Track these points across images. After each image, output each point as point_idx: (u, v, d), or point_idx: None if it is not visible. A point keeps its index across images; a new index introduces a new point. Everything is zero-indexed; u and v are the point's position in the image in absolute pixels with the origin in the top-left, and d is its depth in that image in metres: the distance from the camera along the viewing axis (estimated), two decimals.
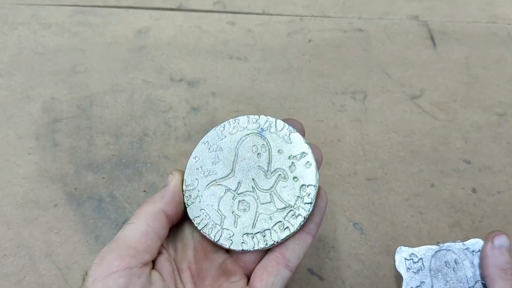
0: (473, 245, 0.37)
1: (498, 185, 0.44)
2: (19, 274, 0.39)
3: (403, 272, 0.37)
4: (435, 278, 0.36)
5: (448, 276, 0.36)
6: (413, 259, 0.37)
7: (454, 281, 0.36)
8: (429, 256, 0.37)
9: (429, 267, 0.37)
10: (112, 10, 0.56)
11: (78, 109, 0.48)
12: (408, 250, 0.38)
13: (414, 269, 0.37)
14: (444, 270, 0.37)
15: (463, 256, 0.37)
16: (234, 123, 0.32)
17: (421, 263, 0.37)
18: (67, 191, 0.43)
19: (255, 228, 0.29)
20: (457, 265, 0.37)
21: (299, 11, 0.57)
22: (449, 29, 0.56)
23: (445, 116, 0.49)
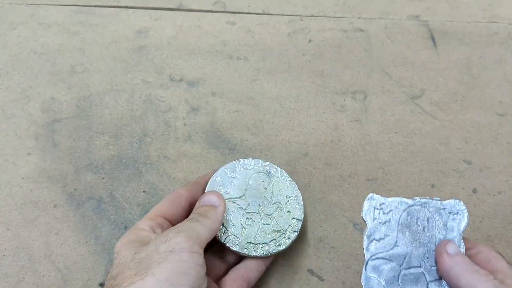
0: (452, 206, 0.34)
1: (499, 185, 0.44)
2: (18, 274, 0.39)
3: (369, 221, 0.34)
4: (401, 233, 0.34)
5: (416, 234, 0.34)
6: (383, 209, 0.34)
7: (421, 240, 0.33)
8: (400, 209, 0.34)
9: (398, 221, 0.34)
10: (112, 10, 0.56)
11: (77, 109, 0.48)
12: (380, 199, 0.34)
13: (382, 220, 0.34)
14: (413, 227, 0.34)
15: (437, 216, 0.34)
16: (249, 161, 0.41)
17: (390, 215, 0.34)
18: (67, 191, 0.43)
19: (256, 240, 0.37)
20: (429, 224, 0.34)
21: (299, 11, 0.57)
22: (450, 29, 0.55)
23: (445, 116, 0.49)
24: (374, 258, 0.33)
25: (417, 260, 0.33)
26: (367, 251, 0.33)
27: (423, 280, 0.33)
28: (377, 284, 0.33)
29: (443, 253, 0.32)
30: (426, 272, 0.33)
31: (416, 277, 0.33)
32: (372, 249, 0.33)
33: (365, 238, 0.34)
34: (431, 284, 0.32)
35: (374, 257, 0.33)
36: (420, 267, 0.33)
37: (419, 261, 0.33)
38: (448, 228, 0.33)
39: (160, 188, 0.43)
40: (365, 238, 0.34)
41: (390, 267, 0.33)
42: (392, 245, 0.33)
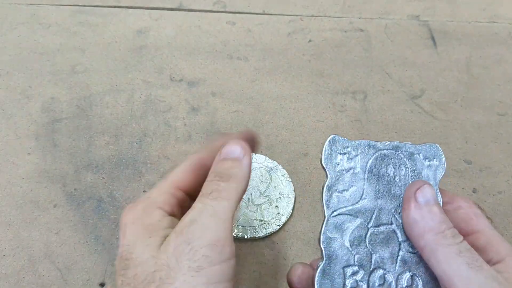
0: (427, 150, 0.29)
1: (499, 185, 0.44)
2: (18, 274, 0.39)
3: (330, 169, 0.28)
4: (369, 183, 0.28)
5: (386, 184, 0.28)
6: (348, 154, 0.28)
7: (393, 191, 0.28)
8: (368, 154, 0.28)
9: (365, 168, 0.28)
10: (112, 10, 0.56)
11: (77, 109, 0.48)
12: (344, 142, 0.28)
13: (345, 167, 0.28)
14: (383, 176, 0.28)
15: (411, 162, 0.29)
16: (254, 156, 0.43)
17: (356, 161, 0.28)
18: (67, 191, 0.43)
19: (238, 223, 0.40)
20: (401, 172, 0.28)
21: (299, 11, 0.57)
22: (450, 29, 0.55)
23: (445, 116, 0.49)
24: (336, 214, 0.28)
25: (388, 216, 0.28)
26: (328, 205, 0.28)
27: (394, 240, 0.27)
28: (340, 246, 0.27)
29: (411, 200, 0.26)
30: (398, 230, 0.27)
31: (386, 237, 0.27)
32: (334, 203, 0.28)
33: (325, 190, 0.28)
34: (404, 245, 0.27)
35: (336, 212, 0.28)
36: (391, 224, 0.28)
37: (390, 217, 0.28)
38: (423, 177, 0.28)
39: None
40: (325, 189, 0.28)
41: (355, 225, 0.27)
42: (358, 198, 0.28)
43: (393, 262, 0.27)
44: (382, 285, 0.27)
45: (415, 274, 0.27)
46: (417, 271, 0.27)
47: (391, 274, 0.27)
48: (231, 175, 0.27)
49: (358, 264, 0.27)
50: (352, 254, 0.27)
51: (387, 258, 0.27)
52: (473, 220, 0.27)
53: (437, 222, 0.25)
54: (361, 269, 0.27)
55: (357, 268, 0.27)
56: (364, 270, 0.27)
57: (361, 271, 0.27)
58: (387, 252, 0.27)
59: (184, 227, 0.25)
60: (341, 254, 0.27)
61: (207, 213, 0.26)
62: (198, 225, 0.25)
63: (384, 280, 0.27)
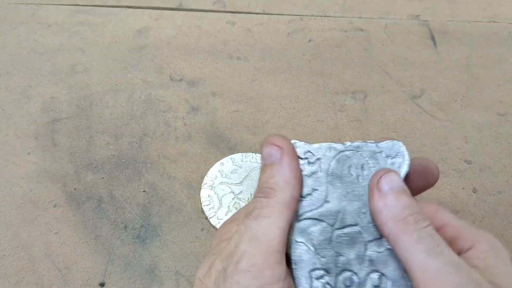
0: (389, 148, 0.28)
1: (499, 185, 0.44)
2: (18, 274, 0.39)
3: None
4: (332, 186, 0.28)
5: (349, 185, 0.28)
6: (309, 158, 0.28)
7: (356, 192, 0.27)
8: (329, 157, 0.28)
9: (327, 171, 0.28)
10: (112, 9, 0.56)
11: (77, 109, 0.48)
12: (304, 147, 0.28)
13: (308, 172, 0.28)
14: (345, 178, 0.28)
15: (373, 161, 0.28)
16: (255, 156, 0.45)
17: (318, 165, 0.28)
18: (67, 191, 0.43)
19: None
20: (363, 172, 0.28)
21: (299, 11, 0.57)
22: (450, 28, 0.55)
23: (445, 116, 0.49)
24: (301, 219, 0.27)
25: (352, 217, 0.27)
26: None
27: (360, 241, 0.27)
28: (306, 251, 0.27)
29: (374, 189, 0.25)
30: (363, 230, 0.27)
31: (352, 238, 0.27)
32: (298, 208, 0.27)
33: None
34: (370, 245, 0.27)
35: (301, 217, 0.27)
36: (356, 225, 0.27)
37: (355, 218, 0.27)
38: None
39: (160, 188, 0.43)
40: None
41: (320, 228, 0.27)
42: (322, 201, 0.27)
43: (360, 263, 0.26)
44: (349, 287, 0.26)
45: (383, 274, 0.26)
46: (385, 270, 0.26)
47: (358, 275, 0.26)
48: (272, 187, 0.26)
49: (325, 267, 0.26)
50: (318, 258, 0.27)
51: (354, 259, 0.27)
52: (435, 217, 0.26)
53: (400, 208, 0.24)
54: (328, 272, 0.26)
55: (323, 271, 0.26)
56: (331, 273, 0.26)
57: (327, 274, 0.26)
58: (353, 253, 0.27)
59: (227, 253, 0.25)
60: (307, 258, 0.27)
61: (246, 237, 0.24)
62: (237, 250, 0.24)
63: (351, 282, 0.26)
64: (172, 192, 0.43)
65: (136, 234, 0.41)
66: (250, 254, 0.24)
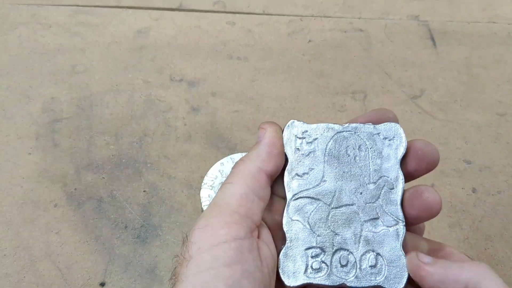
0: (387, 130, 0.28)
1: (498, 185, 0.44)
2: (19, 274, 0.39)
3: (290, 153, 0.28)
4: (329, 166, 0.28)
5: (346, 165, 0.28)
6: (306, 138, 0.29)
7: (353, 172, 0.28)
8: (327, 137, 0.29)
9: (324, 151, 0.28)
10: (112, 10, 0.56)
11: (78, 109, 0.48)
12: (302, 126, 0.29)
13: (305, 151, 0.28)
14: (342, 158, 0.28)
15: (370, 142, 0.28)
16: None
17: (315, 144, 0.29)
18: (67, 191, 0.43)
19: None
20: (361, 153, 0.28)
21: (299, 11, 0.57)
22: (449, 29, 0.56)
23: (445, 116, 0.49)
24: (297, 198, 0.28)
25: (349, 197, 0.28)
26: (289, 189, 0.28)
27: (356, 220, 0.27)
28: (302, 229, 0.27)
29: (420, 264, 0.25)
30: (360, 210, 0.27)
31: (348, 218, 0.27)
32: (295, 187, 0.28)
33: (286, 174, 0.28)
34: (366, 225, 0.27)
35: (297, 196, 0.28)
36: (353, 205, 0.28)
37: (351, 198, 0.28)
38: (383, 156, 0.28)
39: (160, 188, 0.43)
40: (286, 174, 0.28)
41: (316, 207, 0.28)
42: (319, 181, 0.28)
43: (356, 243, 0.27)
44: (345, 266, 0.27)
45: (379, 254, 0.27)
46: (381, 250, 0.27)
47: (354, 255, 0.27)
48: (243, 159, 0.28)
49: (320, 245, 0.27)
50: (314, 236, 0.27)
51: (350, 238, 0.27)
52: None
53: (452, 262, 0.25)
54: (324, 250, 0.27)
55: (319, 250, 0.27)
56: (327, 252, 0.27)
57: (323, 253, 0.27)
58: (349, 232, 0.27)
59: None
60: (303, 237, 0.27)
61: (210, 204, 0.26)
62: (199, 216, 0.26)
63: (347, 261, 0.27)
64: (172, 192, 0.43)
65: (136, 234, 0.41)
66: (206, 215, 0.25)
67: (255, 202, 0.26)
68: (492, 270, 0.25)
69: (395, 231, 0.27)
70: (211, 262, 0.23)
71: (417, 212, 0.27)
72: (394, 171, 0.28)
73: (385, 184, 0.28)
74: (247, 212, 0.26)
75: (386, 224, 0.27)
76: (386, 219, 0.27)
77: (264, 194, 0.27)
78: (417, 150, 0.28)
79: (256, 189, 0.26)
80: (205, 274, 0.23)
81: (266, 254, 0.26)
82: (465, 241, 0.41)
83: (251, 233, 0.25)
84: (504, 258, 0.40)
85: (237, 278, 0.23)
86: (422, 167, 0.28)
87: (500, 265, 0.40)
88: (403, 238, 0.27)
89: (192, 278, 0.23)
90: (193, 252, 0.24)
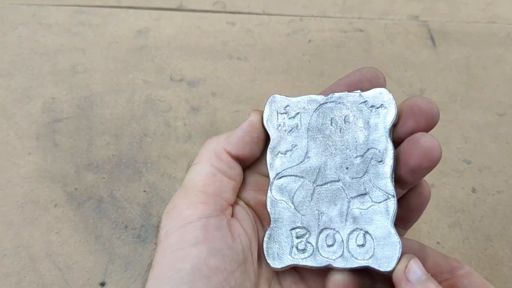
0: (375, 97, 0.26)
1: (498, 185, 0.44)
2: (19, 274, 0.39)
3: (271, 130, 0.27)
4: (312, 141, 0.26)
5: (331, 138, 0.26)
6: (289, 113, 0.27)
7: (338, 146, 0.26)
8: (310, 110, 0.27)
9: (307, 125, 0.27)
10: (112, 10, 0.56)
11: (78, 109, 0.48)
12: (284, 100, 0.27)
13: (287, 127, 0.27)
14: (327, 131, 0.26)
15: (357, 112, 0.26)
16: None
17: (298, 119, 0.27)
18: (67, 191, 0.43)
19: None
20: (347, 125, 0.26)
21: (299, 11, 0.57)
22: (449, 29, 0.56)
23: (445, 116, 0.49)
24: (280, 177, 0.26)
25: (334, 173, 0.26)
26: (271, 168, 0.27)
27: (343, 197, 0.26)
28: (286, 208, 0.26)
29: (402, 280, 0.24)
30: (346, 186, 0.26)
31: (333, 194, 0.26)
32: (278, 166, 0.26)
33: (268, 152, 0.27)
34: (354, 201, 0.25)
35: (281, 174, 0.26)
36: (338, 181, 0.26)
37: (337, 174, 0.26)
38: (370, 126, 0.26)
39: (160, 188, 0.43)
40: (267, 152, 0.27)
41: (300, 185, 0.26)
42: (303, 157, 0.26)
43: (343, 221, 0.25)
44: (331, 246, 0.25)
45: (367, 232, 0.25)
46: (369, 228, 0.25)
47: (341, 234, 0.25)
48: (212, 138, 0.28)
49: (306, 225, 0.26)
50: (299, 216, 0.26)
51: (336, 216, 0.25)
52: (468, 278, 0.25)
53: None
54: (309, 230, 0.26)
55: (304, 230, 0.26)
56: (312, 232, 0.26)
57: (308, 233, 0.26)
58: (335, 210, 0.26)
59: None
60: (287, 217, 0.26)
61: (179, 188, 0.26)
62: (170, 201, 0.26)
63: (334, 241, 0.25)
64: (172, 192, 0.43)
65: (136, 234, 0.41)
66: (174, 198, 0.25)
67: (224, 181, 0.26)
68: None
69: (384, 207, 0.25)
70: (177, 244, 0.23)
71: (416, 160, 0.24)
72: (382, 142, 0.25)
73: (373, 156, 0.25)
74: (215, 190, 0.25)
75: (375, 200, 0.25)
76: (374, 194, 0.25)
77: (234, 174, 0.26)
78: (412, 106, 0.25)
79: (223, 168, 0.26)
80: (171, 255, 0.23)
81: (239, 232, 0.25)
82: (465, 241, 0.41)
83: (220, 211, 0.25)
84: (504, 258, 0.40)
85: (204, 257, 0.23)
86: (421, 124, 0.25)
87: (500, 265, 0.40)
88: (394, 215, 0.25)
89: (160, 261, 0.23)
90: (161, 237, 0.24)
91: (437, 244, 0.41)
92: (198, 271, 0.22)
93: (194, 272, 0.22)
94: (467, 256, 0.41)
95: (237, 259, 0.24)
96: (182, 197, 0.25)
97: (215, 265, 0.23)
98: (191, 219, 0.24)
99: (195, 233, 0.23)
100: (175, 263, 0.23)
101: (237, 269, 0.24)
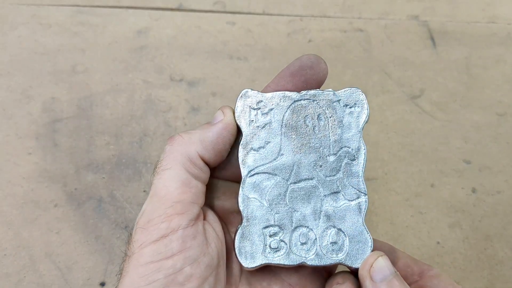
0: (348, 96, 0.27)
1: (498, 185, 0.44)
2: (19, 274, 0.39)
3: (244, 126, 0.27)
4: (286, 138, 0.26)
5: (304, 137, 0.26)
6: (262, 109, 0.27)
7: (312, 144, 0.26)
8: (284, 106, 0.27)
9: (281, 122, 0.27)
10: (112, 10, 0.56)
11: (78, 109, 0.48)
12: (257, 96, 0.27)
13: (260, 123, 0.27)
14: (300, 129, 0.27)
15: (330, 111, 0.27)
16: None
17: (271, 115, 0.27)
18: (67, 191, 0.43)
19: None
20: (320, 123, 0.27)
21: (299, 11, 0.57)
22: (449, 29, 0.56)
23: (445, 116, 0.49)
24: (253, 174, 0.26)
25: (308, 171, 0.26)
26: (244, 165, 0.26)
27: (316, 195, 0.26)
28: (258, 206, 0.26)
29: (366, 278, 0.24)
30: (320, 184, 0.26)
31: (308, 192, 0.26)
32: (250, 162, 0.26)
33: (240, 149, 0.26)
34: (327, 199, 0.26)
35: (253, 172, 0.26)
36: (312, 179, 0.26)
37: (311, 172, 0.26)
38: (344, 125, 0.27)
39: None
40: (240, 148, 0.26)
41: (274, 182, 0.26)
42: (276, 154, 0.26)
43: (316, 219, 0.26)
44: (305, 244, 0.26)
45: (340, 230, 0.26)
46: (342, 225, 0.26)
47: (314, 231, 0.26)
48: (181, 135, 0.26)
49: (279, 223, 0.26)
50: (272, 214, 0.26)
51: (310, 214, 0.26)
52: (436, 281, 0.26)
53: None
54: (282, 228, 0.26)
55: (277, 228, 0.26)
56: (285, 230, 0.26)
57: (282, 231, 0.26)
58: (309, 208, 0.26)
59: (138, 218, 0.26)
60: (260, 215, 0.26)
61: (150, 195, 0.25)
62: (141, 211, 0.25)
63: (307, 238, 0.26)
64: None
65: None
66: (147, 211, 0.24)
67: (198, 186, 0.25)
68: None
69: (357, 205, 0.26)
70: (152, 256, 0.23)
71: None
72: (355, 141, 0.26)
73: (346, 155, 0.26)
74: (192, 198, 0.24)
75: (348, 198, 0.26)
76: (347, 192, 0.26)
77: (205, 177, 0.26)
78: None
79: (196, 173, 0.25)
80: (145, 267, 0.23)
81: (212, 236, 0.25)
82: (465, 241, 0.41)
83: (195, 219, 0.24)
84: (504, 258, 0.40)
85: (179, 267, 0.23)
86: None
87: (500, 265, 0.40)
88: (365, 212, 0.26)
89: (132, 272, 0.23)
90: (135, 249, 0.23)
91: (437, 244, 0.41)
92: (172, 280, 0.22)
93: (168, 281, 0.22)
94: (467, 256, 0.41)
95: (211, 264, 0.24)
96: (156, 209, 0.24)
97: (190, 272, 0.23)
98: (166, 232, 0.23)
99: (171, 245, 0.23)
100: (148, 276, 0.22)
101: (211, 273, 0.24)
